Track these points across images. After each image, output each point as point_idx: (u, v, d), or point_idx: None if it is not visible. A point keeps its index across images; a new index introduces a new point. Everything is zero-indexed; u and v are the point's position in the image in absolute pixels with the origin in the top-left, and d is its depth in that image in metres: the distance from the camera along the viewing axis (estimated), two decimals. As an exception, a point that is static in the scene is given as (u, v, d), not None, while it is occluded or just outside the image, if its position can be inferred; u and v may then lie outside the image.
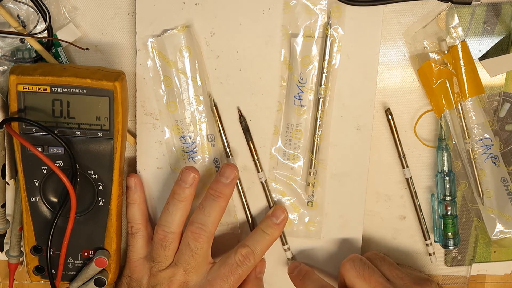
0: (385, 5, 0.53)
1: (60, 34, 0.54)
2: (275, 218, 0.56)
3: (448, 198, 0.57)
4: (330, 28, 0.54)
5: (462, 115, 0.55)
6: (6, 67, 0.55)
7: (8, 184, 0.56)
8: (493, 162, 0.57)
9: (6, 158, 0.54)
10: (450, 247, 0.58)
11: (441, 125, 0.56)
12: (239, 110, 0.56)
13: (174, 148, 0.57)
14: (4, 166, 0.54)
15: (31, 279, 0.57)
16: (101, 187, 0.54)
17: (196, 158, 0.57)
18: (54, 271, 0.55)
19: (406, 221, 0.60)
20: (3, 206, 0.56)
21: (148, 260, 0.56)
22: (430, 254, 0.60)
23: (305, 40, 0.54)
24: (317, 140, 0.56)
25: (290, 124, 0.56)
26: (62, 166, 0.53)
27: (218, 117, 0.56)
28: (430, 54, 0.55)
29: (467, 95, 0.55)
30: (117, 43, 0.56)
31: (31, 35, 0.53)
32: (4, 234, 0.58)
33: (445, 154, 0.56)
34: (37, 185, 0.53)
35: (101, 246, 0.56)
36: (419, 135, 0.57)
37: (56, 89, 0.51)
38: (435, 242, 0.59)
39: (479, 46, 0.55)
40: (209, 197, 0.54)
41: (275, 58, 0.55)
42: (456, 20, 0.54)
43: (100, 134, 0.52)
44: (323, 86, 0.55)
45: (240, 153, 0.57)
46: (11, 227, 0.57)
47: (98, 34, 0.56)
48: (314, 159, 0.56)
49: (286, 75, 0.55)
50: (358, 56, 0.54)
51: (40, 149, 0.52)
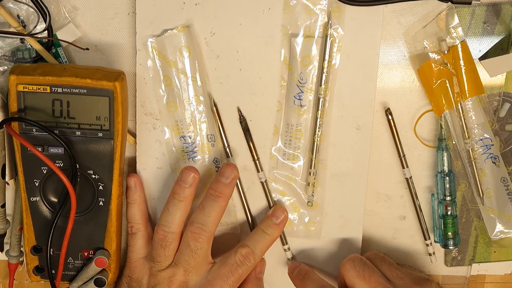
0: (385, 5, 0.53)
1: (60, 34, 0.54)
2: (275, 218, 0.56)
3: (448, 198, 0.57)
4: (330, 28, 0.54)
5: (462, 115, 0.55)
6: (6, 67, 0.55)
7: (8, 184, 0.56)
8: (493, 162, 0.57)
9: (6, 158, 0.54)
10: (450, 247, 0.58)
11: (441, 125, 0.56)
12: (239, 110, 0.56)
13: (174, 148, 0.57)
14: (4, 166, 0.54)
15: (31, 279, 0.57)
16: (101, 187, 0.54)
17: (196, 158, 0.57)
18: (54, 271, 0.55)
19: (406, 221, 0.59)
20: (3, 206, 0.56)
21: (148, 260, 0.56)
22: (430, 254, 0.60)
23: (305, 40, 0.54)
24: (317, 140, 0.56)
25: (290, 124, 0.56)
26: (62, 166, 0.53)
27: (218, 117, 0.56)
28: (430, 54, 0.55)
29: (467, 95, 0.55)
30: (117, 43, 0.56)
31: (31, 35, 0.53)
32: (4, 234, 0.58)
33: (445, 154, 0.56)
34: (37, 185, 0.53)
35: (101, 246, 0.56)
36: (419, 135, 0.57)
37: (56, 89, 0.51)
38: (435, 242, 0.59)
39: (479, 46, 0.55)
40: (209, 197, 0.54)
41: (275, 58, 0.55)
42: (456, 20, 0.54)
43: (100, 134, 0.52)
44: (323, 86, 0.55)
45: (240, 153, 0.57)
46: (11, 227, 0.57)
47: (98, 34, 0.55)
48: (314, 159, 0.56)
49: (286, 75, 0.55)
50: (358, 56, 0.54)
51: (40, 149, 0.52)
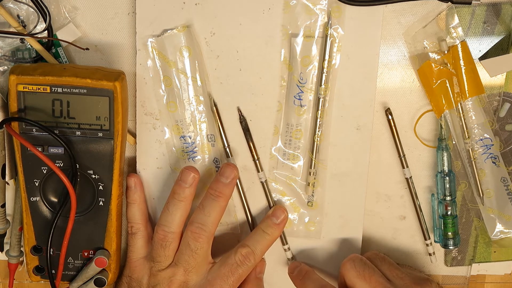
0: (385, 5, 0.53)
1: (60, 34, 0.54)
2: (275, 218, 0.56)
3: (448, 198, 0.57)
4: (330, 28, 0.54)
5: (462, 115, 0.55)
6: (6, 67, 0.55)
7: (8, 184, 0.56)
8: (493, 162, 0.57)
9: (6, 158, 0.54)
10: (450, 247, 0.58)
11: (441, 125, 0.56)
12: (239, 110, 0.56)
13: (174, 148, 0.57)
14: (4, 166, 0.54)
15: (31, 279, 0.57)
16: (101, 187, 0.54)
17: (196, 158, 0.57)
18: (54, 271, 0.55)
19: (406, 221, 0.59)
20: (3, 206, 0.56)
21: (148, 260, 0.56)
22: (430, 254, 0.60)
23: (305, 40, 0.54)
24: (317, 140, 0.56)
25: (290, 124, 0.56)
26: (62, 166, 0.53)
27: (218, 117, 0.56)
28: (430, 54, 0.55)
29: (467, 95, 0.55)
30: (117, 43, 0.56)
31: (31, 35, 0.53)
32: (4, 234, 0.58)
33: (445, 154, 0.56)
34: (37, 185, 0.53)
35: (101, 246, 0.56)
36: (419, 135, 0.57)
37: (56, 89, 0.51)
38: (435, 242, 0.59)
39: (479, 46, 0.55)
40: (209, 197, 0.54)
41: (275, 58, 0.55)
42: (456, 20, 0.54)
43: (100, 134, 0.52)
44: (323, 86, 0.55)
45: (240, 153, 0.57)
46: (11, 227, 0.57)
47: (98, 34, 0.55)
48: (314, 159, 0.56)
49: (286, 75, 0.55)
50: (358, 56, 0.54)
51: (40, 149, 0.52)
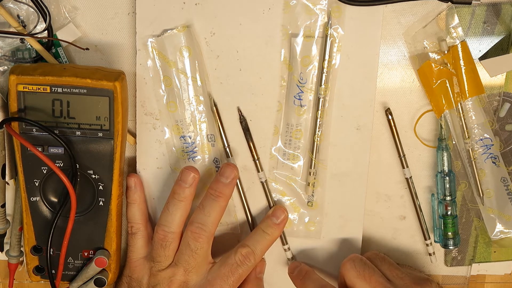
0: (385, 5, 0.53)
1: (60, 34, 0.54)
2: (275, 218, 0.56)
3: (448, 198, 0.57)
4: (330, 28, 0.54)
5: (462, 115, 0.55)
6: (6, 67, 0.55)
7: (8, 184, 0.56)
8: (493, 162, 0.57)
9: (6, 158, 0.54)
10: (450, 247, 0.58)
11: (441, 125, 0.56)
12: (239, 110, 0.56)
13: (174, 148, 0.57)
14: (4, 166, 0.54)
15: (31, 279, 0.57)
16: (101, 187, 0.54)
17: (196, 158, 0.57)
18: (54, 271, 0.55)
19: (406, 221, 0.59)
20: (3, 206, 0.56)
21: (148, 260, 0.56)
22: (430, 254, 0.60)
23: (305, 40, 0.54)
24: (317, 140, 0.56)
25: (290, 124, 0.56)
26: (62, 166, 0.53)
27: (218, 117, 0.56)
28: (430, 54, 0.55)
29: (467, 95, 0.55)
30: (117, 43, 0.56)
31: (31, 35, 0.53)
32: (4, 234, 0.58)
33: (445, 154, 0.56)
34: (37, 185, 0.53)
35: (101, 246, 0.56)
36: (419, 135, 0.57)
37: (56, 89, 0.51)
38: (435, 242, 0.59)
39: (479, 46, 0.55)
40: (209, 197, 0.54)
41: (275, 58, 0.55)
42: (456, 20, 0.54)
43: (100, 134, 0.52)
44: (323, 86, 0.55)
45: (240, 153, 0.57)
46: (11, 227, 0.57)
47: (98, 34, 0.55)
48: (314, 159, 0.56)
49: (286, 75, 0.55)
50: (358, 56, 0.54)
51: (40, 149, 0.52)
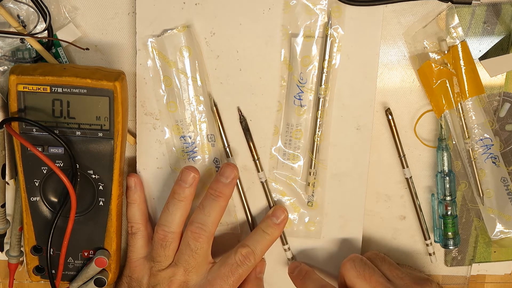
0: (385, 5, 0.53)
1: (60, 34, 0.54)
2: (275, 218, 0.56)
3: (448, 198, 0.57)
4: (330, 28, 0.54)
5: (462, 115, 0.55)
6: (6, 67, 0.55)
7: (8, 184, 0.56)
8: (493, 162, 0.57)
9: (6, 158, 0.54)
10: (450, 247, 0.58)
11: (441, 125, 0.56)
12: (239, 110, 0.56)
13: (174, 148, 0.57)
14: (4, 166, 0.54)
15: (31, 279, 0.57)
16: (101, 187, 0.54)
17: (196, 158, 0.57)
18: (54, 271, 0.55)
19: (406, 221, 0.59)
20: (3, 206, 0.56)
21: (148, 260, 0.56)
22: (430, 254, 0.60)
23: (305, 40, 0.54)
24: (317, 140, 0.56)
25: (290, 124, 0.56)
26: (62, 166, 0.53)
27: (218, 117, 0.56)
28: (430, 54, 0.55)
29: (467, 95, 0.55)
30: (117, 43, 0.56)
31: (31, 35, 0.53)
32: (4, 234, 0.58)
33: (445, 154, 0.56)
34: (37, 185, 0.53)
35: (101, 246, 0.56)
36: (419, 135, 0.57)
37: (56, 89, 0.51)
38: (435, 242, 0.59)
39: (479, 46, 0.55)
40: (209, 196, 0.54)
41: (275, 58, 0.55)
42: (456, 20, 0.54)
43: (100, 134, 0.52)
44: (323, 86, 0.55)
45: (240, 153, 0.57)
46: (11, 227, 0.57)
47: (98, 34, 0.55)
48: (314, 159, 0.56)
49: (286, 75, 0.55)
50: (358, 56, 0.54)
51: (40, 149, 0.52)
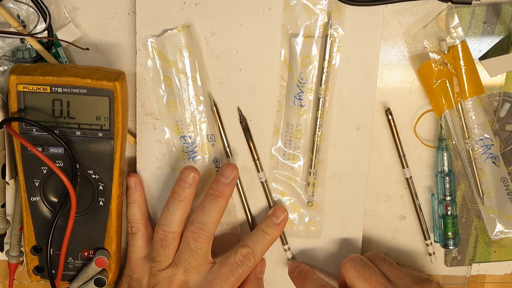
0: (385, 5, 0.53)
1: (60, 34, 0.54)
2: (275, 218, 0.56)
3: (448, 198, 0.57)
4: (330, 28, 0.54)
5: (462, 115, 0.55)
6: (6, 67, 0.55)
7: (8, 184, 0.56)
8: (493, 162, 0.57)
9: (6, 158, 0.54)
10: (450, 247, 0.58)
11: (441, 125, 0.56)
12: (239, 110, 0.56)
13: (174, 148, 0.57)
14: (4, 166, 0.54)
15: (31, 279, 0.57)
16: (101, 187, 0.54)
17: (196, 158, 0.57)
18: (54, 271, 0.55)
19: (406, 221, 0.59)
20: (3, 206, 0.56)
21: (148, 260, 0.56)
22: (430, 254, 0.60)
23: (305, 40, 0.54)
24: (317, 140, 0.56)
25: (290, 124, 0.56)
26: (62, 166, 0.53)
27: (218, 117, 0.56)
28: (430, 54, 0.55)
29: (467, 95, 0.55)
30: (117, 43, 0.56)
31: (31, 35, 0.53)
32: (4, 234, 0.58)
33: (445, 154, 0.56)
34: (37, 185, 0.53)
35: (101, 246, 0.56)
36: (419, 135, 0.57)
37: (56, 89, 0.51)
38: (435, 242, 0.59)
39: (479, 46, 0.55)
40: (209, 196, 0.54)
41: (275, 58, 0.55)
42: (456, 20, 0.54)
43: (100, 134, 0.52)
44: (323, 86, 0.55)
45: (240, 153, 0.57)
46: (11, 227, 0.57)
47: (98, 34, 0.55)
48: (314, 159, 0.56)
49: (286, 75, 0.55)
50: (358, 56, 0.54)
51: (40, 149, 0.52)
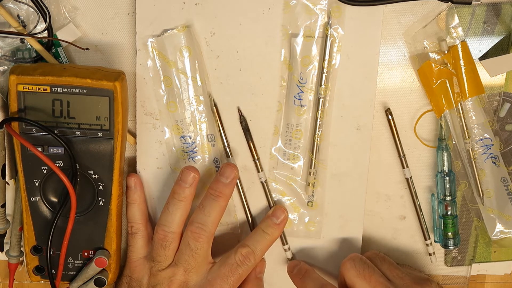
0: (385, 5, 0.53)
1: (60, 34, 0.54)
2: (275, 218, 0.56)
3: (448, 198, 0.57)
4: (330, 28, 0.54)
5: (462, 115, 0.55)
6: (6, 67, 0.55)
7: (8, 184, 0.56)
8: (493, 162, 0.57)
9: (6, 158, 0.54)
10: (450, 247, 0.58)
11: (441, 125, 0.56)
12: (239, 110, 0.56)
13: (174, 148, 0.57)
14: (4, 166, 0.54)
15: (31, 279, 0.57)
16: (101, 187, 0.54)
17: (196, 158, 0.57)
18: (54, 271, 0.55)
19: (406, 221, 0.59)
20: (3, 206, 0.56)
21: (148, 260, 0.56)
22: (430, 254, 0.60)
23: (305, 40, 0.54)
24: (317, 140, 0.56)
25: (290, 124, 0.56)
26: (62, 166, 0.53)
27: (218, 117, 0.56)
28: (430, 54, 0.55)
29: (467, 95, 0.55)
30: (117, 43, 0.56)
31: (31, 35, 0.53)
32: (4, 234, 0.58)
33: (445, 154, 0.56)
34: (37, 185, 0.53)
35: (101, 246, 0.56)
36: (419, 135, 0.57)
37: (56, 89, 0.51)
38: (435, 242, 0.59)
39: (479, 46, 0.55)
40: (209, 196, 0.54)
41: (275, 58, 0.55)
42: (456, 20, 0.54)
43: (100, 134, 0.52)
44: (323, 86, 0.55)
45: (240, 153, 0.57)
46: (11, 227, 0.57)
47: (98, 34, 0.55)
48: (314, 159, 0.56)
49: (286, 75, 0.55)
50: (358, 56, 0.54)
51: (40, 149, 0.52)
